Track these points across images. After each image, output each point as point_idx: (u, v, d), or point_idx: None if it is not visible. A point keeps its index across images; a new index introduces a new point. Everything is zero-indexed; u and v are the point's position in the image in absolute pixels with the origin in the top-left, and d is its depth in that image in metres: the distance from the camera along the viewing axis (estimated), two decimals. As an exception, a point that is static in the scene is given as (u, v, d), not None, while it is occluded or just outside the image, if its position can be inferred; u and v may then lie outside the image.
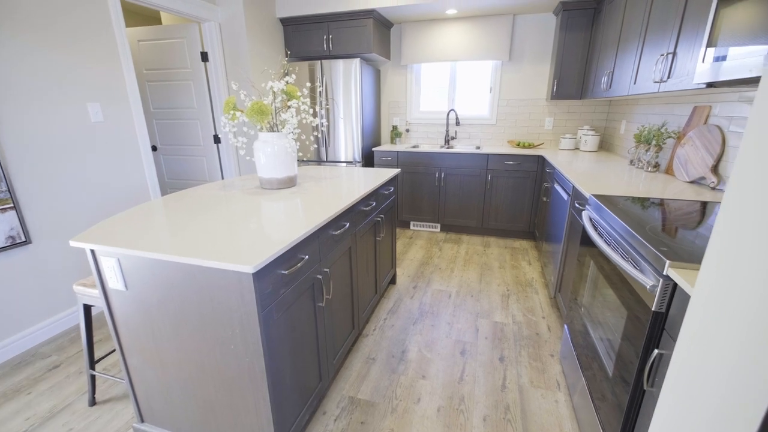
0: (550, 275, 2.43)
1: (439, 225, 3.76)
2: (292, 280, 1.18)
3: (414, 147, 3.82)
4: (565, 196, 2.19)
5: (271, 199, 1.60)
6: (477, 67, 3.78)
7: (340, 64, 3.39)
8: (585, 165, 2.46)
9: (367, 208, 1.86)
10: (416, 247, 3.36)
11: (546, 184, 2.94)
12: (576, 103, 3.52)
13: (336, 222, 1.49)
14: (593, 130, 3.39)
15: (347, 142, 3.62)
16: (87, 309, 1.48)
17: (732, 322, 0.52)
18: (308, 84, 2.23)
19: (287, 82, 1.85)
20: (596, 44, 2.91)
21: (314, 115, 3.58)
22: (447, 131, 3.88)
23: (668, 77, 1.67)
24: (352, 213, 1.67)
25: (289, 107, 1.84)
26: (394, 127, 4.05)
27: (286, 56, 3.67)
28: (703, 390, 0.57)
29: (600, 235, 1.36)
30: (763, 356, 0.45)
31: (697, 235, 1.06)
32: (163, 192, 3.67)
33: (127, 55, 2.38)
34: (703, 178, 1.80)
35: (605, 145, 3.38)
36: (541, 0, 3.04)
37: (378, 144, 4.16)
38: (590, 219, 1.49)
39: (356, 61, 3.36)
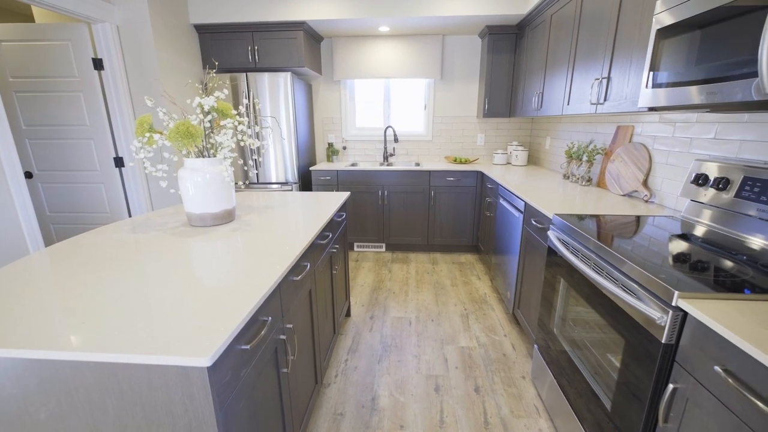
0: (504, 290, 2.45)
1: (384, 244, 3.64)
2: (253, 354, 0.91)
3: (353, 165, 3.66)
4: (515, 212, 2.23)
5: (207, 241, 1.29)
6: (410, 84, 3.80)
7: (269, 78, 3.10)
8: (526, 181, 2.56)
9: (323, 241, 1.63)
10: (365, 270, 3.18)
11: (488, 199, 3.02)
12: (504, 121, 3.74)
13: (297, 264, 1.25)
14: (521, 145, 3.63)
15: (279, 162, 3.32)
16: None
17: None
18: (245, 101, 1.93)
19: (218, 98, 1.56)
20: (521, 66, 3.11)
21: (256, 135, 3.20)
22: (385, 148, 3.81)
23: (605, 100, 1.79)
24: (310, 250, 1.43)
25: (222, 127, 1.55)
26: (330, 145, 3.85)
27: (211, 68, 3.24)
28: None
29: (575, 255, 1.35)
30: None
31: (681, 258, 1.08)
32: (45, 230, 2.92)
33: (-17, 59, 1.81)
34: (635, 191, 1.96)
35: (533, 160, 3.64)
36: (468, 23, 3.17)
37: (313, 163, 3.91)
38: (560, 240, 1.49)
39: (287, 75, 3.10)
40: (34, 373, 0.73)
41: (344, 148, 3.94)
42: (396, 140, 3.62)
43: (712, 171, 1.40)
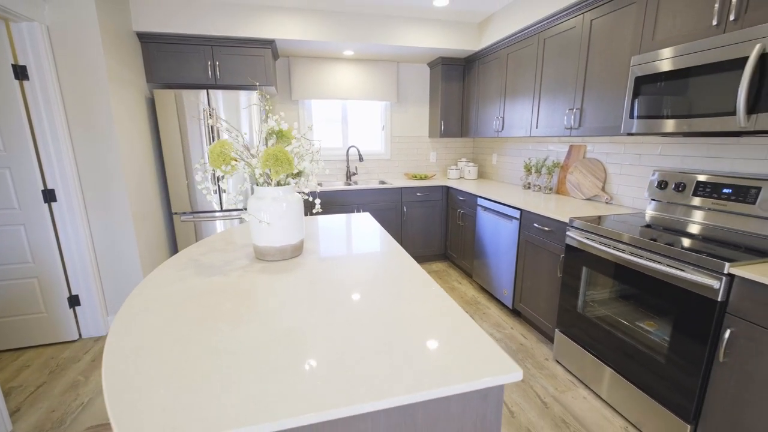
0: (498, 289, 2.78)
1: (358, 263, 3.64)
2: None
3: (319, 185, 3.60)
4: (506, 220, 2.57)
5: (326, 274, 1.21)
6: (367, 106, 3.96)
7: (232, 95, 2.86)
8: (497, 192, 2.97)
9: (391, 262, 1.65)
10: (352, 290, 3.14)
11: (460, 210, 3.35)
12: (452, 140, 4.20)
13: (417, 286, 1.28)
14: (471, 162, 4.11)
15: (240, 187, 3.06)
16: None
17: None
18: (302, 124, 1.81)
19: (277, 121, 1.47)
20: (471, 93, 3.58)
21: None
22: (348, 168, 3.85)
23: (579, 125, 2.27)
24: (402, 271, 1.45)
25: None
26: (290, 166, 3.69)
27: (155, 81, 2.81)
28: None
29: (608, 247, 1.70)
30: None
31: (690, 239, 1.50)
32: None
33: None
34: (596, 195, 2.51)
35: (481, 174, 4.16)
36: (424, 53, 3.51)
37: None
38: (587, 237, 1.84)
39: (254, 94, 2.92)
40: (320, 437, 0.65)
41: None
42: (361, 159, 3.70)
43: (671, 178, 1.94)
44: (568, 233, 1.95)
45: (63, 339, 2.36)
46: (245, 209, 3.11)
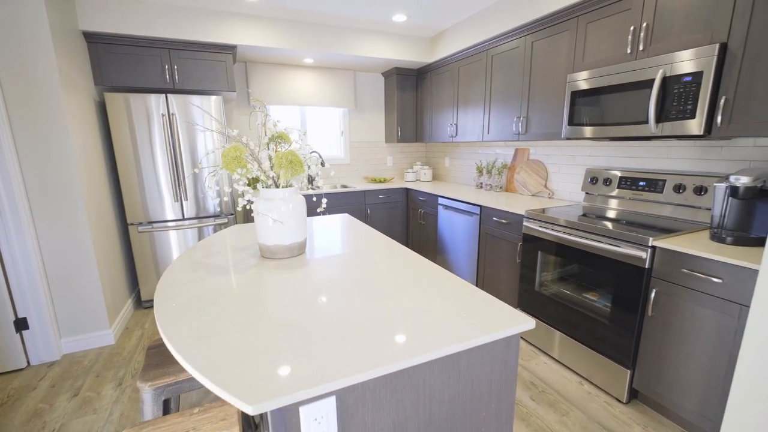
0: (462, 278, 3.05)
1: (325, 265, 3.70)
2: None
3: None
4: (467, 216, 2.87)
5: (335, 270, 1.32)
6: (325, 112, 4.05)
7: (194, 100, 2.79)
8: (456, 192, 3.27)
9: (382, 256, 1.80)
10: (324, 292, 3.20)
11: (422, 210, 3.60)
12: (406, 145, 4.46)
13: (418, 272, 1.44)
14: (426, 165, 4.41)
15: (202, 193, 2.98)
16: None
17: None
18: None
19: (275, 124, 1.56)
20: (425, 101, 3.87)
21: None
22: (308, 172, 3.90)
23: (526, 131, 2.64)
24: (398, 261, 1.61)
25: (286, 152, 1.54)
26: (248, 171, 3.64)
27: (105, 83, 2.62)
28: None
29: (558, 232, 2.03)
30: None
31: (619, 222, 1.88)
32: None
33: None
34: (540, 192, 2.91)
35: (435, 176, 4.47)
36: (380, 63, 3.73)
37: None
38: (540, 226, 2.16)
39: (217, 99, 2.88)
40: (388, 386, 0.78)
41: (267, 174, 3.79)
42: (323, 164, 3.78)
43: (599, 174, 2.36)
44: (525, 223, 2.27)
45: (8, 368, 2.10)
46: (234, 211, 3.02)
